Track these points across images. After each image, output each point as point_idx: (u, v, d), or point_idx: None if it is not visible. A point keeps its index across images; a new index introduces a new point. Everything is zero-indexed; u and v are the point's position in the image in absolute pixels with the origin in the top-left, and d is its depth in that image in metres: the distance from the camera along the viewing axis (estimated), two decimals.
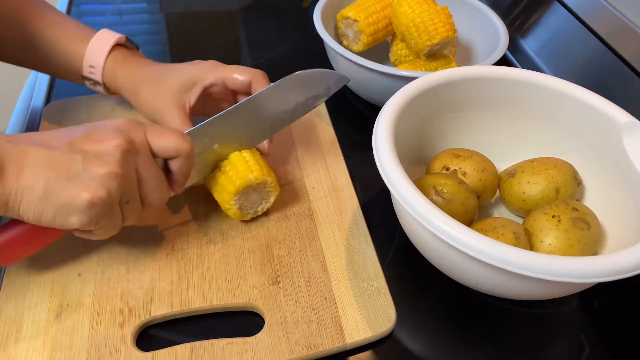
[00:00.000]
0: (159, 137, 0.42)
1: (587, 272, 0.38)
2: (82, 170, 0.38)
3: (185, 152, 0.43)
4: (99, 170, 0.38)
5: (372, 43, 0.70)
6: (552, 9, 0.78)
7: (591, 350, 0.47)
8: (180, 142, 0.43)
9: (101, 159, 0.38)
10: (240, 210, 0.51)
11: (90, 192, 0.38)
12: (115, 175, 0.39)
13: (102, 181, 0.38)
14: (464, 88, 0.55)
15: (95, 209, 0.38)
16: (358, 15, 0.68)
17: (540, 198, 0.52)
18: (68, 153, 0.38)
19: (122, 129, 0.40)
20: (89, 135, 0.39)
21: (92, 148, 0.39)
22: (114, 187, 0.39)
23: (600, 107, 0.51)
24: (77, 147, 0.39)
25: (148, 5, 0.95)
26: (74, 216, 0.38)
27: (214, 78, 0.54)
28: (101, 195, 0.38)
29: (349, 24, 0.69)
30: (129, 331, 0.43)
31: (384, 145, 0.45)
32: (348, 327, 0.45)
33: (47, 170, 0.37)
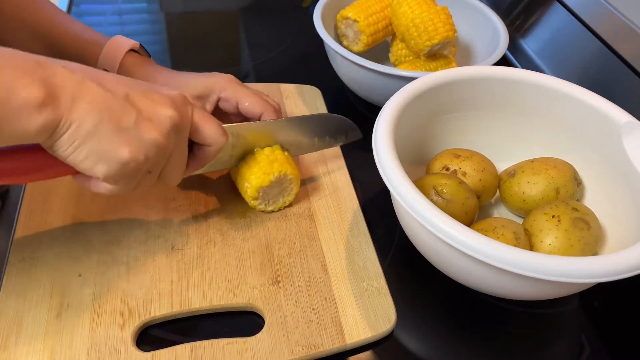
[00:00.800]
0: (205, 122, 0.43)
1: (587, 272, 0.38)
2: (133, 127, 0.37)
3: (219, 145, 0.44)
4: (148, 134, 0.38)
5: (372, 43, 0.70)
6: (552, 9, 0.78)
7: (591, 350, 0.47)
8: (220, 133, 0.44)
9: (153, 123, 0.38)
10: (263, 203, 0.53)
11: (133, 150, 0.37)
12: (160, 144, 0.39)
13: (147, 145, 0.38)
14: (464, 88, 0.55)
15: (126, 168, 0.38)
16: (358, 15, 0.68)
17: (540, 198, 0.52)
18: (124, 103, 0.38)
19: (177, 101, 0.41)
20: (147, 95, 0.39)
21: (148, 109, 0.39)
22: (152, 155, 0.39)
23: (600, 107, 0.51)
24: (134, 101, 0.38)
25: (148, 5, 0.95)
26: (104, 165, 0.37)
27: (230, 95, 0.55)
28: (139, 157, 0.38)
29: (349, 24, 0.69)
30: (129, 331, 0.43)
31: (384, 145, 0.45)
32: (348, 327, 0.45)
33: (101, 112, 0.36)
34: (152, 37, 0.87)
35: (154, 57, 0.60)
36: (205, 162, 0.46)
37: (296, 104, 0.69)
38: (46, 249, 0.49)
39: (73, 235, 0.50)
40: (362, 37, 0.69)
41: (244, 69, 0.79)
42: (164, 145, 0.39)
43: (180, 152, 0.42)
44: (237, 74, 0.77)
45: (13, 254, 0.48)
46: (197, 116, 0.43)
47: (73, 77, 0.36)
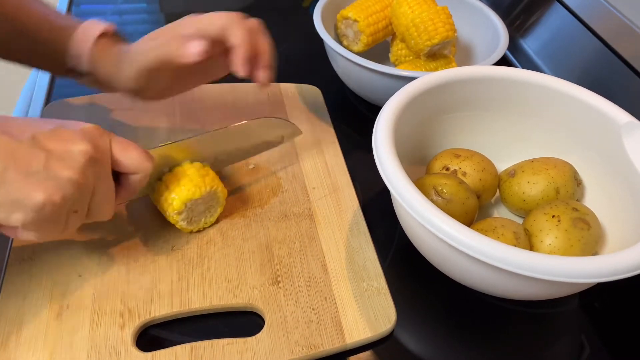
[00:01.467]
0: (124, 150, 0.41)
1: (587, 272, 0.38)
2: (43, 169, 0.36)
3: (144, 171, 0.42)
4: (61, 173, 0.36)
5: (372, 43, 0.70)
6: (552, 9, 0.78)
7: (591, 350, 0.47)
8: (143, 159, 0.42)
9: (65, 162, 0.37)
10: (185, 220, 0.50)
11: (46, 193, 0.36)
12: (76, 181, 0.37)
13: (61, 185, 0.36)
14: (464, 88, 0.55)
15: (44, 212, 0.36)
16: (358, 15, 0.68)
17: (540, 198, 0.52)
18: (31, 147, 0.36)
19: (90, 134, 0.39)
20: (56, 133, 0.38)
21: (58, 148, 0.37)
22: (69, 193, 0.37)
23: (600, 107, 0.51)
24: (41, 143, 0.37)
25: (148, 5, 0.95)
26: (19, 213, 0.36)
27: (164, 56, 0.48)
28: (56, 199, 0.36)
29: (348, 24, 0.69)
30: (129, 331, 0.43)
31: (384, 145, 0.45)
32: (348, 327, 0.45)
33: (5, 160, 0.35)
34: None
35: None
36: (135, 191, 0.44)
37: (296, 104, 0.69)
38: (46, 249, 0.49)
39: (73, 235, 0.50)
40: (362, 37, 0.69)
41: None
42: (81, 182, 0.38)
43: (104, 186, 0.41)
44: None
45: (13, 254, 0.48)
46: (116, 146, 0.41)
47: None
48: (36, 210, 0.36)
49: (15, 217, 0.36)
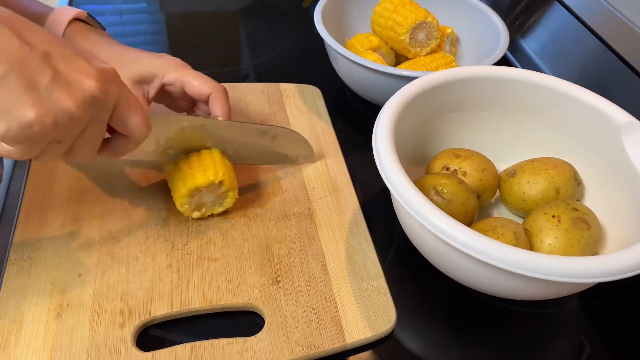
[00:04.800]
0: (129, 108, 0.39)
1: (587, 272, 0.38)
2: (45, 88, 0.34)
3: (138, 137, 0.41)
4: (61, 99, 0.34)
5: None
6: (552, 9, 0.78)
7: (591, 350, 0.47)
8: (142, 125, 0.40)
9: (69, 90, 0.35)
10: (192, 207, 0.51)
11: (40, 112, 0.33)
12: (72, 114, 0.35)
13: (57, 111, 0.34)
14: (464, 88, 0.55)
15: (29, 130, 0.34)
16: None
17: (540, 198, 0.52)
18: (41, 60, 0.34)
19: (105, 76, 0.37)
20: (72, 60, 0.35)
21: (67, 73, 0.35)
22: (62, 122, 0.35)
23: (600, 107, 0.51)
24: (53, 61, 0.34)
25: (148, 5, 0.95)
26: (3, 123, 0.33)
27: (173, 78, 0.52)
28: (47, 122, 0.34)
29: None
30: (129, 331, 0.43)
31: (384, 145, 0.45)
32: (348, 327, 0.45)
33: (10, 63, 0.33)
34: (152, 37, 0.87)
35: None
36: (120, 153, 0.42)
37: (296, 103, 0.69)
38: (46, 248, 0.49)
39: (73, 235, 0.50)
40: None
41: (244, 69, 0.79)
42: (77, 117, 0.35)
43: (96, 130, 0.38)
44: (237, 74, 0.77)
45: (13, 253, 0.48)
46: (124, 100, 0.39)
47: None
48: (23, 126, 0.34)
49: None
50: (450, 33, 0.74)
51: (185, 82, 0.52)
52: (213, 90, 0.52)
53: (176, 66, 0.53)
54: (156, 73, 0.52)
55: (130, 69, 0.52)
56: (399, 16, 0.68)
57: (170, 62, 0.53)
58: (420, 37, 0.69)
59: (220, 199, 0.52)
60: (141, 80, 0.53)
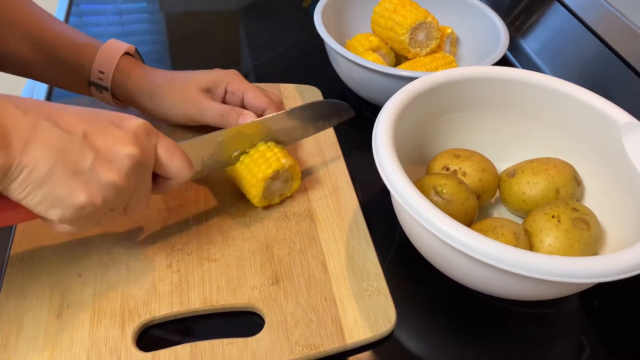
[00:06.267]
0: (169, 156, 0.42)
1: (587, 272, 0.38)
2: (89, 170, 0.36)
3: (183, 179, 0.43)
4: (106, 177, 0.37)
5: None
6: (552, 9, 0.78)
7: (591, 350, 0.47)
8: (185, 167, 0.43)
9: (111, 164, 0.37)
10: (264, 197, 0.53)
11: (89, 195, 0.36)
12: (118, 186, 0.38)
13: (104, 188, 0.37)
14: (464, 88, 0.55)
15: (83, 212, 0.37)
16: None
17: (540, 198, 0.52)
18: (81, 144, 0.36)
19: (139, 136, 0.39)
20: (107, 132, 0.38)
21: (106, 148, 0.37)
22: (110, 197, 0.38)
23: (600, 107, 0.51)
24: (91, 140, 0.37)
25: (148, 5, 0.95)
26: (59, 209, 0.36)
27: (236, 87, 0.56)
28: (97, 201, 0.37)
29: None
30: (129, 331, 0.43)
31: (384, 145, 0.45)
32: (348, 327, 0.45)
33: (55, 156, 0.35)
34: (152, 37, 0.87)
35: (154, 57, 0.60)
36: (166, 192, 0.45)
37: (296, 103, 0.68)
38: (46, 249, 0.49)
39: (73, 235, 0.50)
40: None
41: (244, 69, 0.79)
42: (124, 186, 0.38)
43: (144, 188, 0.41)
44: None
45: (13, 253, 0.48)
46: (163, 149, 0.41)
47: (26, 119, 0.34)
48: (76, 209, 0.36)
49: (54, 212, 0.36)
50: (450, 33, 0.74)
51: (245, 93, 0.57)
52: (268, 107, 0.56)
53: (237, 77, 0.58)
54: (220, 82, 0.57)
55: (197, 81, 0.57)
56: (399, 16, 0.68)
57: (231, 73, 0.58)
58: (420, 37, 0.69)
59: (287, 184, 0.54)
60: (208, 89, 0.57)
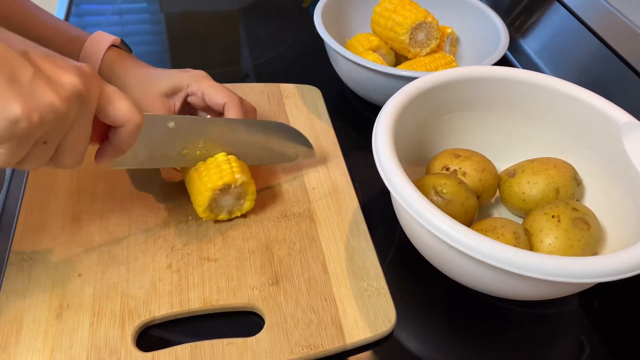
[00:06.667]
0: (114, 99, 0.39)
1: (587, 272, 0.38)
2: (28, 83, 0.33)
3: (134, 123, 0.39)
4: (45, 94, 0.34)
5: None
6: (552, 9, 0.78)
7: (591, 350, 0.47)
8: (133, 111, 0.39)
9: (52, 85, 0.34)
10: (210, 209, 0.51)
11: (26, 108, 0.33)
12: (57, 109, 0.34)
13: (42, 106, 0.33)
14: (464, 88, 0.55)
15: (16, 127, 0.33)
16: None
17: (540, 198, 0.52)
18: (21, 58, 0.33)
19: (84, 73, 0.37)
20: (50, 58, 0.35)
21: (49, 69, 0.34)
22: (48, 119, 0.34)
23: (600, 107, 0.51)
24: (34, 59, 0.34)
25: (148, 5, 0.95)
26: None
27: (195, 89, 0.55)
28: (33, 117, 0.33)
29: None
30: (129, 331, 0.43)
31: (384, 145, 0.45)
32: (348, 327, 0.45)
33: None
34: (152, 37, 0.87)
35: (154, 57, 0.60)
36: (122, 147, 0.40)
37: (296, 104, 0.69)
38: (46, 248, 0.49)
39: (73, 235, 0.50)
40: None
41: (244, 69, 0.79)
42: (63, 112, 0.34)
43: (82, 127, 0.37)
44: (237, 74, 0.77)
45: (13, 253, 0.48)
46: (107, 93, 0.38)
47: None
48: (10, 121, 0.33)
49: None
50: (450, 33, 0.74)
51: (204, 92, 0.55)
52: (228, 100, 0.54)
53: (198, 77, 0.56)
54: (181, 85, 0.55)
55: (158, 85, 0.55)
56: (399, 16, 0.68)
57: (194, 74, 0.56)
58: (420, 37, 0.69)
59: (238, 202, 0.52)
60: (168, 94, 0.55)
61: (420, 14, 0.67)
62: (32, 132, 0.34)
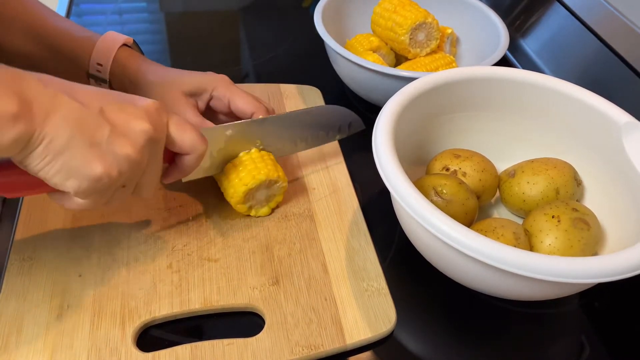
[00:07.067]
0: (180, 131, 0.42)
1: (587, 272, 0.38)
2: (106, 142, 0.37)
3: (199, 152, 0.44)
4: (122, 149, 0.37)
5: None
6: (552, 9, 0.78)
7: (591, 350, 0.47)
8: (198, 141, 0.43)
9: (127, 138, 0.38)
10: (248, 207, 0.52)
11: (105, 166, 0.37)
12: (133, 159, 0.38)
13: (120, 160, 0.38)
14: (464, 88, 0.55)
15: (98, 183, 0.37)
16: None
17: (540, 198, 0.52)
18: (98, 117, 0.37)
19: (151, 112, 0.40)
20: (122, 108, 0.39)
21: (122, 123, 0.38)
22: (125, 170, 0.38)
23: (600, 107, 0.51)
24: (108, 115, 0.38)
25: (148, 5, 0.95)
26: (75, 180, 0.37)
27: (222, 93, 0.55)
28: (113, 173, 0.37)
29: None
30: (129, 332, 0.43)
31: (384, 145, 0.45)
32: (348, 327, 0.45)
33: (74, 127, 0.36)
34: (152, 37, 0.87)
35: (154, 57, 0.60)
36: (187, 171, 0.45)
37: (296, 104, 0.69)
38: (46, 249, 0.49)
39: (73, 235, 0.50)
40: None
41: (244, 69, 0.79)
42: (138, 160, 0.39)
43: (155, 165, 0.42)
44: (237, 74, 0.77)
45: (13, 254, 0.48)
46: (173, 125, 0.42)
47: (47, 91, 0.35)
48: (92, 180, 0.37)
49: (70, 183, 0.37)
50: (450, 33, 0.74)
51: (231, 99, 0.55)
52: (256, 110, 0.54)
53: (224, 82, 0.56)
54: (206, 87, 0.55)
55: (181, 84, 0.55)
56: (399, 17, 0.68)
57: (219, 78, 0.56)
58: (420, 37, 0.69)
59: (270, 196, 0.53)
60: (192, 94, 0.55)
61: (420, 15, 0.67)
62: (112, 184, 0.38)
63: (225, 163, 0.52)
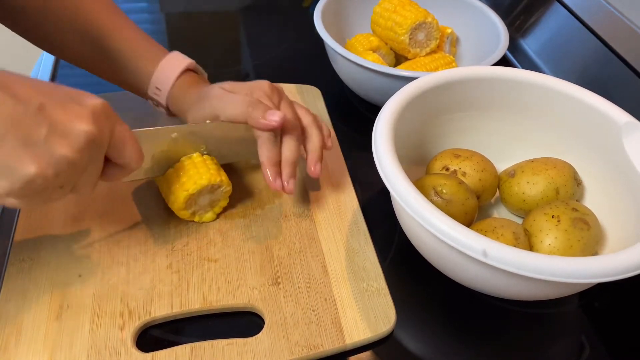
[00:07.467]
0: (123, 142, 0.41)
1: (587, 272, 0.38)
2: (43, 142, 0.35)
3: (131, 168, 0.42)
4: (60, 150, 0.35)
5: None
6: (552, 9, 0.78)
7: (591, 350, 0.47)
8: (134, 159, 0.42)
9: (66, 139, 0.36)
10: (191, 213, 0.51)
11: (40, 167, 0.35)
12: (71, 161, 0.36)
13: (56, 161, 0.35)
14: (464, 88, 0.55)
15: (32, 185, 0.35)
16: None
17: (540, 198, 0.52)
18: (36, 115, 0.35)
19: (97, 114, 0.38)
20: (65, 106, 0.36)
21: (63, 122, 0.36)
22: (62, 171, 0.36)
23: (600, 107, 0.51)
24: (48, 112, 0.35)
25: (148, 5, 0.95)
26: (6, 181, 0.35)
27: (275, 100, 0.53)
28: (48, 174, 0.35)
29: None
30: (129, 332, 0.43)
31: (384, 145, 0.45)
32: (348, 327, 0.45)
33: (7, 125, 0.34)
34: (153, 38, 0.87)
35: None
36: (116, 180, 0.43)
37: None
38: (46, 249, 0.49)
39: (73, 235, 0.50)
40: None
41: (244, 69, 0.79)
42: (77, 162, 0.37)
43: (95, 168, 0.40)
44: (237, 74, 0.77)
45: (13, 254, 0.48)
46: (117, 134, 0.40)
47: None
48: (26, 181, 0.35)
49: (1, 184, 0.35)
50: (450, 33, 0.74)
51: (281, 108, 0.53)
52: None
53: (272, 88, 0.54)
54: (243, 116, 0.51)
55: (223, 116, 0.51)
56: (399, 16, 0.68)
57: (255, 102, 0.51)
58: (420, 37, 0.69)
59: (214, 201, 0.52)
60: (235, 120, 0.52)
61: (420, 14, 0.67)
62: (47, 185, 0.36)
63: (168, 166, 0.51)
